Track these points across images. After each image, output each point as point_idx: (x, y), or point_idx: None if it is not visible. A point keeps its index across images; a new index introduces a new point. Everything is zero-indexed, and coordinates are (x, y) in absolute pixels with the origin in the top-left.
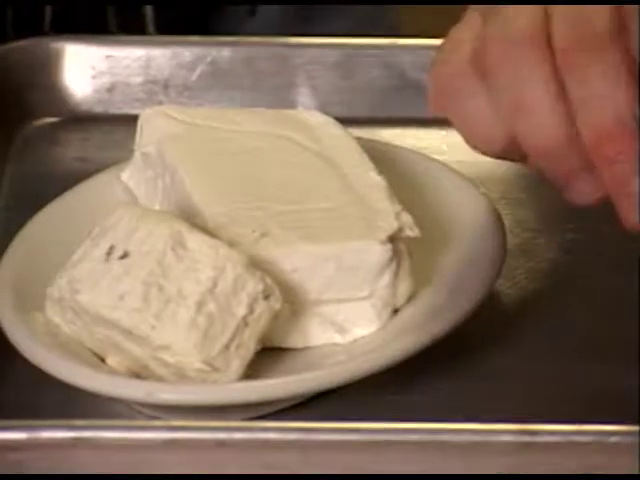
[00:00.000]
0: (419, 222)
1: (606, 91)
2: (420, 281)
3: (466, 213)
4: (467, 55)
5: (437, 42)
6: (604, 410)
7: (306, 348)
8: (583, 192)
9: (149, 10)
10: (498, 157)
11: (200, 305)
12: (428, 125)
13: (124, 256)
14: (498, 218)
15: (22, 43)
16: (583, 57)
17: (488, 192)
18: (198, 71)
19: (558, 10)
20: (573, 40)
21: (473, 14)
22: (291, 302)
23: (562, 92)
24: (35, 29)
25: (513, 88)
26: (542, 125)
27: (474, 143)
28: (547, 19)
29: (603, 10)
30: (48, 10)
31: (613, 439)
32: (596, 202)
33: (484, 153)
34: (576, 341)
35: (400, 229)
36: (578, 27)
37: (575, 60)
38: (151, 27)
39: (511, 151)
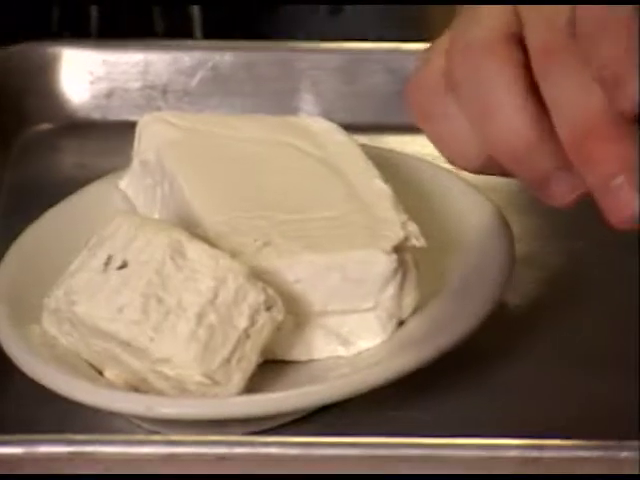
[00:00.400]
0: (425, 231)
1: (583, 89)
2: (426, 292)
3: (473, 221)
4: (439, 69)
5: None
6: (614, 424)
7: (309, 361)
8: (560, 193)
9: (196, 11)
10: (480, 173)
11: (200, 317)
12: None
13: (122, 266)
14: (506, 226)
15: (18, 47)
16: (557, 57)
17: (495, 200)
18: (198, 76)
19: (528, 9)
20: (545, 40)
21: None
22: (294, 313)
23: (530, 93)
24: (81, 31)
25: (477, 96)
26: (508, 127)
27: (452, 161)
28: (515, 19)
29: (564, 7)
30: (94, 11)
31: (623, 454)
32: (575, 201)
33: (465, 170)
34: (585, 353)
35: (406, 239)
36: (549, 26)
37: (549, 60)
38: (198, 30)
39: (491, 166)
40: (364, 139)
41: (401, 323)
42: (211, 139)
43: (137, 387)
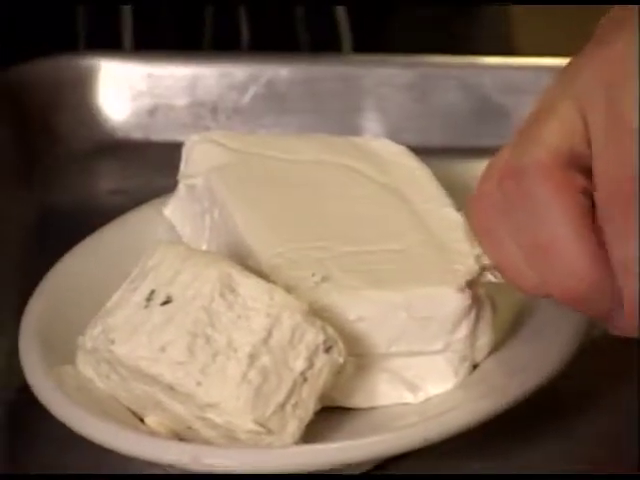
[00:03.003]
0: None
1: None
2: (502, 333)
3: None
4: (496, 187)
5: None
6: None
7: (372, 408)
8: (625, 325)
9: (244, 23)
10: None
11: (253, 358)
12: None
13: (166, 302)
14: None
15: (51, 60)
16: (623, 207)
17: None
18: (251, 93)
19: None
20: (613, 182)
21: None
22: (356, 355)
23: (589, 225)
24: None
25: (530, 227)
26: (566, 269)
27: (510, 284)
28: (579, 135)
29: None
30: (127, 24)
31: None
32: None
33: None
34: None
35: (480, 273)
36: (621, 169)
37: (613, 207)
38: (245, 43)
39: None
40: (435, 163)
41: (474, 367)
42: (265, 162)
43: (182, 436)
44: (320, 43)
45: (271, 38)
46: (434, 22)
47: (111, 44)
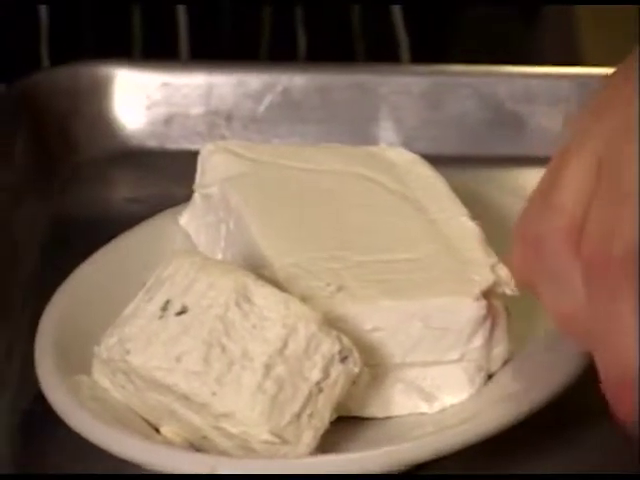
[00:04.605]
0: None
1: None
2: (518, 342)
3: None
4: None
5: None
6: None
7: (388, 418)
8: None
9: (301, 35)
10: None
11: (268, 368)
12: (528, 164)
13: (182, 312)
14: None
15: (66, 68)
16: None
17: None
18: (266, 101)
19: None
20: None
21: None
22: (371, 365)
23: None
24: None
25: (559, 298)
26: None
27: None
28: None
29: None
30: (183, 33)
31: None
32: None
33: None
34: None
35: (496, 284)
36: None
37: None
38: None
39: None
40: (450, 172)
41: (490, 376)
42: (280, 172)
43: (197, 445)
44: (377, 52)
45: (328, 48)
46: (494, 28)
47: (126, 53)
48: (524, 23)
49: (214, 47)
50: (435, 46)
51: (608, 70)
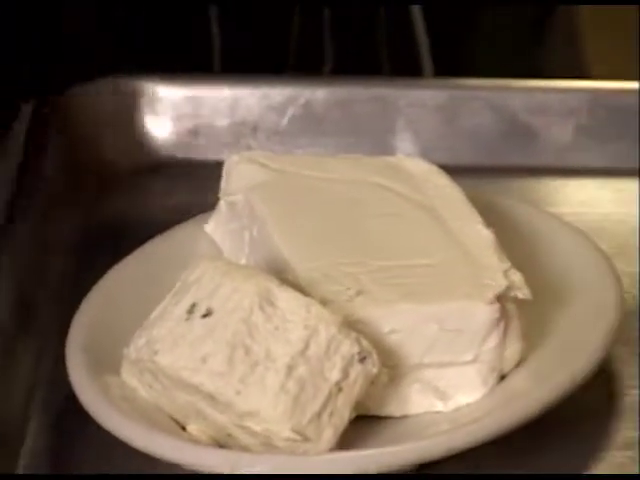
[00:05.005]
0: (529, 281)
1: None
2: (530, 344)
3: (579, 270)
4: None
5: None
6: None
7: (405, 416)
8: None
9: (328, 47)
10: None
11: (290, 368)
12: (540, 174)
13: (207, 314)
14: (615, 277)
15: (96, 82)
16: None
17: (605, 248)
18: (289, 114)
19: None
20: None
21: None
22: (389, 366)
23: None
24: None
25: None
26: None
27: None
28: None
29: None
30: (216, 47)
31: None
32: None
33: None
34: None
35: (509, 288)
36: None
37: None
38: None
39: None
40: (465, 181)
41: (503, 377)
42: (303, 181)
43: (222, 443)
44: (401, 67)
45: (354, 62)
46: (512, 42)
47: (156, 67)
48: (532, 34)
49: (243, 60)
50: (455, 58)
51: (614, 84)
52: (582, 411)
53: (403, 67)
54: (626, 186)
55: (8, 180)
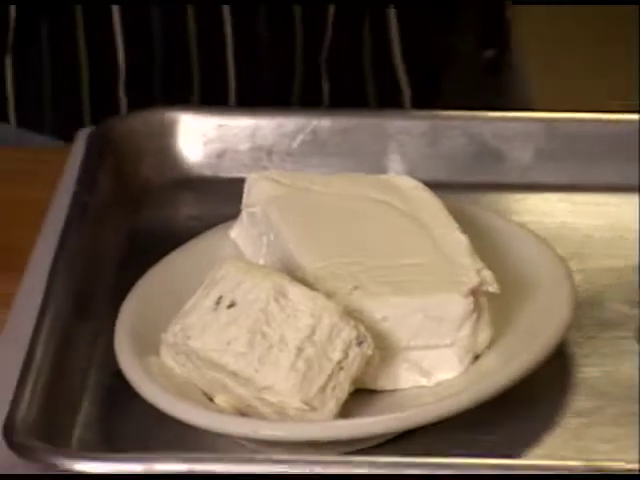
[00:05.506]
0: (498, 278)
1: None
2: (498, 330)
3: (539, 269)
4: None
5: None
6: None
7: (395, 390)
8: None
9: (325, 84)
10: None
11: (300, 350)
12: (506, 190)
13: (231, 305)
14: (569, 275)
15: (140, 113)
16: None
17: (560, 251)
18: (299, 139)
19: None
20: None
21: None
22: (382, 348)
23: None
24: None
25: None
26: None
27: None
28: None
29: None
30: (232, 81)
31: None
32: None
33: None
34: None
35: (481, 284)
36: None
37: None
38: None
39: None
40: (444, 195)
41: (476, 357)
42: (311, 195)
43: (244, 412)
44: (385, 98)
45: (346, 94)
46: (481, 76)
47: (186, 99)
48: (494, 72)
49: (257, 93)
50: (430, 93)
51: (567, 114)
52: (542, 386)
53: (386, 97)
54: (580, 199)
55: (70, 193)
